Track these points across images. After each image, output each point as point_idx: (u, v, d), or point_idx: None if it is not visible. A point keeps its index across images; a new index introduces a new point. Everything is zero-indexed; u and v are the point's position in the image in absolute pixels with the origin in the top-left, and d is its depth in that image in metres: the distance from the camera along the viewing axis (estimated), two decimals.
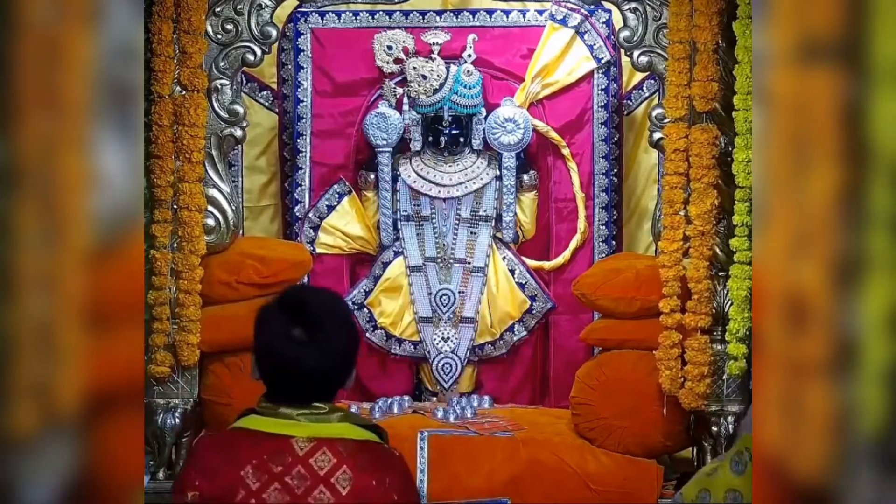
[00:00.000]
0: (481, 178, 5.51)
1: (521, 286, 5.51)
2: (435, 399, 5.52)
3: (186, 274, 4.80)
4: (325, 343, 2.87)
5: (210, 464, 2.86)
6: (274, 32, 4.98)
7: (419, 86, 5.37)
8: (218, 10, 4.93)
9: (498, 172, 5.49)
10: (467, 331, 5.52)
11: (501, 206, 5.50)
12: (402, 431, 4.75)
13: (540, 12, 5.47)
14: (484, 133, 5.45)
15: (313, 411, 2.89)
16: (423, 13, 5.52)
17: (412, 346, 5.54)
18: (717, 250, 4.74)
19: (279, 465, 2.84)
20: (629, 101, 5.57)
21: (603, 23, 5.41)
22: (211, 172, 4.92)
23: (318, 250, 5.51)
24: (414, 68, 5.37)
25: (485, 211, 5.50)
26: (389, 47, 5.40)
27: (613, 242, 5.53)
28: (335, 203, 5.53)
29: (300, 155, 5.54)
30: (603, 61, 5.43)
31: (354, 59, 5.52)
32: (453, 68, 5.39)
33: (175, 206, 4.83)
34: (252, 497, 2.83)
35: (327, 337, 2.88)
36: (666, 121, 4.79)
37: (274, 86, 5.63)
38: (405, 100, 5.43)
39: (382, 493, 2.84)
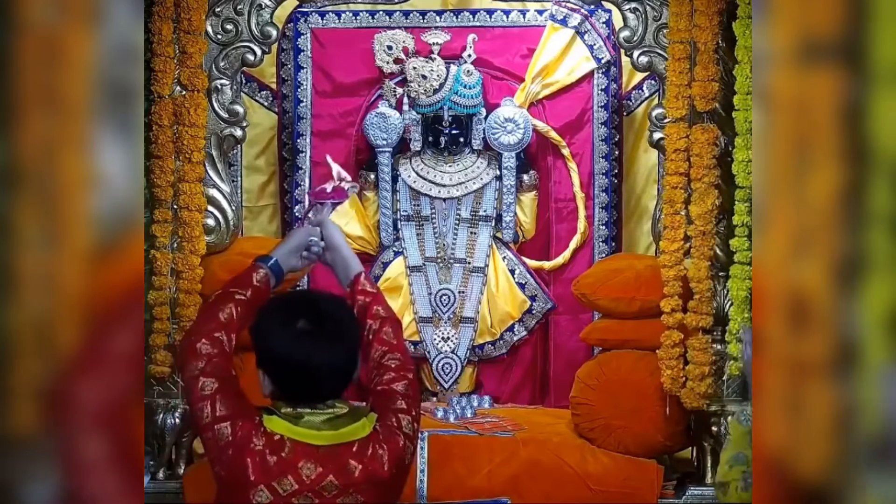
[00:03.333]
0: (481, 178, 5.50)
1: (521, 286, 5.50)
2: (435, 399, 5.52)
3: (187, 274, 4.80)
4: (331, 335, 2.91)
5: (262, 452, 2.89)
6: (274, 32, 4.99)
7: (419, 86, 5.37)
8: (218, 10, 4.93)
9: (498, 172, 5.48)
10: (467, 331, 5.52)
11: (501, 206, 5.49)
12: None
13: (540, 12, 5.47)
14: (484, 133, 5.45)
15: (335, 413, 2.92)
16: (423, 13, 5.51)
17: (412, 346, 5.52)
18: (718, 250, 4.74)
19: (309, 477, 2.87)
20: (629, 101, 5.56)
21: (603, 23, 5.41)
22: (211, 172, 4.93)
23: None
24: (414, 68, 5.37)
25: (485, 211, 5.50)
26: (389, 47, 5.40)
27: (613, 242, 5.53)
28: None
29: (300, 155, 5.53)
30: (603, 61, 5.43)
31: (354, 59, 5.51)
32: (453, 68, 5.39)
33: (175, 206, 4.83)
34: (280, 501, 2.86)
35: (333, 328, 2.92)
36: (666, 121, 4.79)
37: (274, 86, 5.62)
38: (405, 100, 5.43)
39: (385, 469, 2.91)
